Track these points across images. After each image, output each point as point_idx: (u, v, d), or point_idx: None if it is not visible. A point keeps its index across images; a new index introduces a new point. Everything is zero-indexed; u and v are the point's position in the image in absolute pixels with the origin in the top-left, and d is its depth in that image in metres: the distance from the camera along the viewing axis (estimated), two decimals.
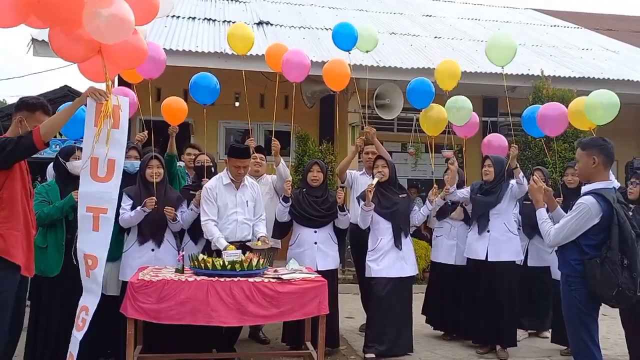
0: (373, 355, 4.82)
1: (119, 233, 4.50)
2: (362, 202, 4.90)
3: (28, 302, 3.83)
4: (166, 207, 4.46)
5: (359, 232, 5.19)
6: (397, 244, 4.90)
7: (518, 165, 5.08)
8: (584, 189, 3.53)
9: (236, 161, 4.53)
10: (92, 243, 3.38)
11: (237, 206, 4.57)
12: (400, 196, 5.04)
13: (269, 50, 5.52)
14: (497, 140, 5.81)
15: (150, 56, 3.92)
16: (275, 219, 5.03)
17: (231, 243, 4.36)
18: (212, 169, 4.92)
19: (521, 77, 9.20)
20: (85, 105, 3.41)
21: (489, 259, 5.08)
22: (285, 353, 4.87)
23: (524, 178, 5.04)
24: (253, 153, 5.03)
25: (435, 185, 5.30)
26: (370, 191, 4.79)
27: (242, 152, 4.56)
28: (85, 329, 3.37)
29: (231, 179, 4.60)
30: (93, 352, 4.27)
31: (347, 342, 5.46)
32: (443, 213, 5.60)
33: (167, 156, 4.95)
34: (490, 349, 5.17)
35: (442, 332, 5.75)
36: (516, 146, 5.08)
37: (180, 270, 4.02)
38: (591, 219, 3.34)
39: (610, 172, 4.09)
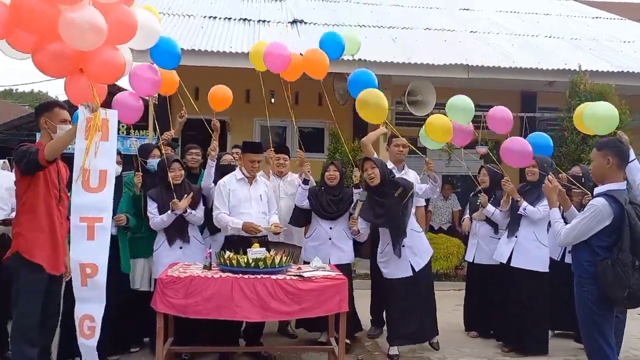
0: (397, 352, 4.91)
1: (149, 231, 4.76)
2: (351, 230, 4.97)
3: None
4: (173, 201, 4.62)
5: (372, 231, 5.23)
6: (396, 251, 4.83)
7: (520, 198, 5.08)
8: (596, 190, 3.53)
9: (251, 156, 4.78)
10: (89, 252, 3.41)
11: (252, 200, 4.77)
12: (395, 194, 4.80)
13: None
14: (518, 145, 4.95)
15: (144, 77, 4.11)
16: (295, 205, 5.19)
17: (252, 237, 4.55)
18: (236, 168, 5.11)
19: (558, 72, 9.04)
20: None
21: (511, 264, 5.07)
22: (310, 348, 5.02)
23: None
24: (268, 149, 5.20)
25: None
26: (352, 224, 4.87)
27: (256, 146, 4.87)
28: (97, 336, 3.44)
29: (244, 175, 4.80)
30: (125, 341, 4.54)
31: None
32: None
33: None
34: (514, 348, 5.17)
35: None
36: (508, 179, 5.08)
37: (208, 267, 4.22)
38: (602, 220, 3.34)
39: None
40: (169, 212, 4.62)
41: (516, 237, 5.10)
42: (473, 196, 5.85)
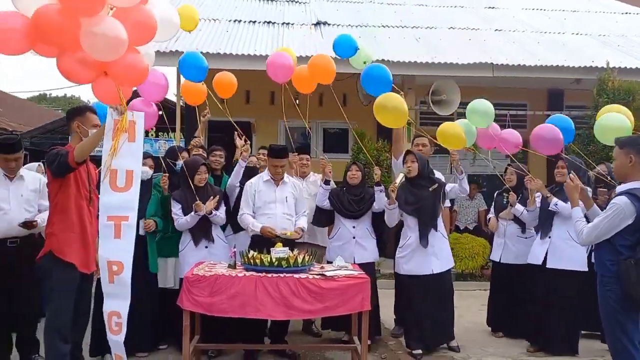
0: (420, 351, 4.93)
1: (176, 231, 4.90)
2: (386, 200, 4.98)
3: None
4: (196, 203, 4.71)
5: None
6: (423, 242, 4.91)
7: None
8: (618, 188, 3.50)
9: (274, 161, 4.85)
10: (117, 250, 3.48)
11: (277, 202, 4.85)
12: (430, 189, 4.98)
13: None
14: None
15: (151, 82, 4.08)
16: (316, 205, 5.25)
17: (277, 237, 4.64)
18: (258, 170, 5.21)
19: (585, 70, 8.93)
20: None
21: (547, 265, 5.01)
22: (333, 346, 5.08)
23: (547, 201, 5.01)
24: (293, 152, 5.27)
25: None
26: (392, 190, 4.84)
27: (277, 152, 4.90)
28: (124, 331, 3.50)
29: (271, 177, 4.89)
30: (153, 338, 4.67)
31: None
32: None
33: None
34: (541, 348, 5.14)
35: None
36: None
37: (232, 266, 4.32)
38: (625, 219, 3.31)
39: None
40: (192, 213, 4.74)
41: (549, 237, 5.04)
42: (498, 195, 5.82)
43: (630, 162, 3.43)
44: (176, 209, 4.83)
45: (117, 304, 3.50)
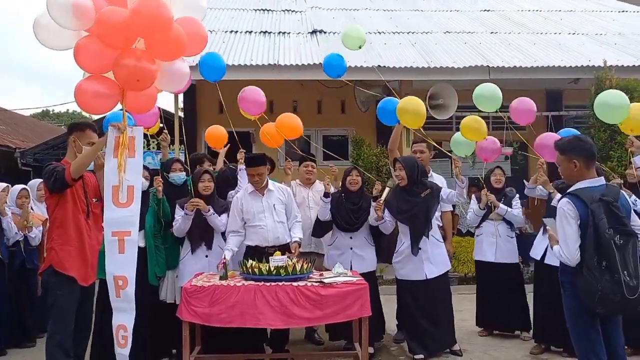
0: (422, 356, 4.91)
1: (174, 243, 4.89)
2: (374, 216, 4.98)
3: None
4: (192, 200, 4.69)
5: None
6: (414, 250, 4.90)
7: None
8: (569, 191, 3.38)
9: (250, 170, 4.81)
10: (121, 264, 3.54)
11: (265, 211, 4.79)
12: (422, 195, 4.96)
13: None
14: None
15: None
16: (317, 217, 5.23)
17: (271, 247, 4.66)
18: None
19: (582, 69, 8.93)
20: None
21: (545, 261, 5.01)
22: (336, 354, 5.06)
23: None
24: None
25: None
26: (378, 209, 4.87)
27: (252, 161, 4.85)
28: (130, 344, 3.56)
29: (255, 187, 4.84)
30: (155, 353, 4.66)
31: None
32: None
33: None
34: (545, 349, 5.12)
35: (489, 331, 5.84)
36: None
37: (224, 277, 4.27)
38: (573, 220, 3.18)
39: None
40: (183, 213, 4.70)
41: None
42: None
43: (575, 167, 3.30)
44: (178, 214, 4.78)
45: (123, 318, 3.57)
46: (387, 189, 4.98)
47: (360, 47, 5.78)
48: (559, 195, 4.94)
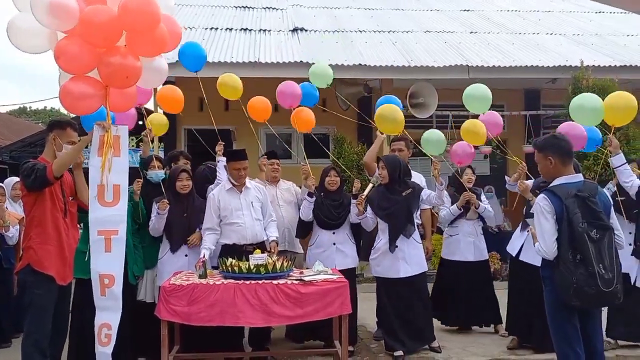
0: (401, 353, 4.93)
1: (153, 242, 4.85)
2: (355, 211, 5.01)
3: None
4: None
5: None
6: (392, 247, 4.92)
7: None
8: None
9: (235, 164, 4.78)
10: (107, 263, 3.54)
11: (243, 209, 4.76)
12: (403, 194, 5.00)
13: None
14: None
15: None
16: (300, 218, 5.23)
17: (249, 245, 4.65)
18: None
19: (560, 69, 9.03)
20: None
21: (519, 258, 5.07)
22: (316, 352, 5.06)
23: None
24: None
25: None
26: (359, 204, 4.90)
27: (237, 155, 4.85)
28: (113, 343, 3.56)
29: (233, 184, 4.81)
30: (133, 352, 4.62)
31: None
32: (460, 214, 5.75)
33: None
34: (519, 342, 5.18)
35: (458, 328, 5.91)
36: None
37: (203, 276, 4.24)
38: (549, 215, 3.29)
39: None
40: (155, 213, 4.67)
41: (528, 232, 5.11)
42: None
43: (551, 164, 3.42)
44: (154, 213, 4.74)
45: (108, 316, 3.56)
46: (370, 185, 5.03)
47: (328, 85, 5.96)
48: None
